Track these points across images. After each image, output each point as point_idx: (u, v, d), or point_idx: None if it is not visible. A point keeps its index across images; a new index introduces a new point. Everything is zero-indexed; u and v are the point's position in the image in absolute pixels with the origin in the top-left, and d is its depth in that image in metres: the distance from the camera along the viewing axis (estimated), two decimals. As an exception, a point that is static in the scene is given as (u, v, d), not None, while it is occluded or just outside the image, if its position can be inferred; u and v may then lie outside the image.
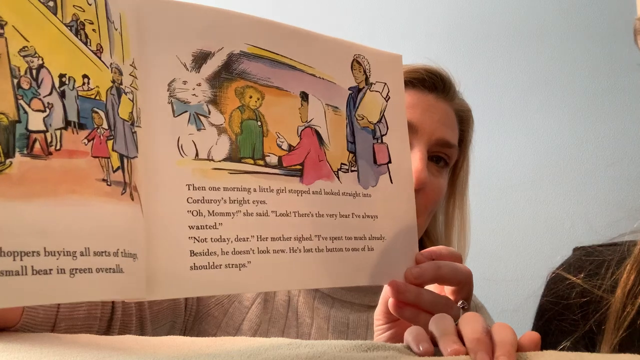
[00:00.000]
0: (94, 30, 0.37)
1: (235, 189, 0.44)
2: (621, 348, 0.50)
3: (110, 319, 0.59)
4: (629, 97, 1.27)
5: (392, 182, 0.54)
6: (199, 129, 0.43)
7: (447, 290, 0.56)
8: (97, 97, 0.35)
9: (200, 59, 0.44)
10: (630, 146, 1.27)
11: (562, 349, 0.54)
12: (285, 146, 0.48)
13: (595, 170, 1.29)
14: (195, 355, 0.41)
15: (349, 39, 0.56)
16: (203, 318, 0.71)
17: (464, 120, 0.80)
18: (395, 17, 1.38)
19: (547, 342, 0.60)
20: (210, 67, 0.45)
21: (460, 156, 0.80)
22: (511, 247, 1.31)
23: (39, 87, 0.32)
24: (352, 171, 0.52)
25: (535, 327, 0.66)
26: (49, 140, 0.31)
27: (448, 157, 0.76)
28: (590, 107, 1.29)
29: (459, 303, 0.54)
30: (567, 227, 1.28)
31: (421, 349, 0.41)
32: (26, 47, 0.33)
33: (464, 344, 0.40)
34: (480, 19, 1.36)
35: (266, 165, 0.46)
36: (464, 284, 0.54)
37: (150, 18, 0.42)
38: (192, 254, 0.41)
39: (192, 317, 0.71)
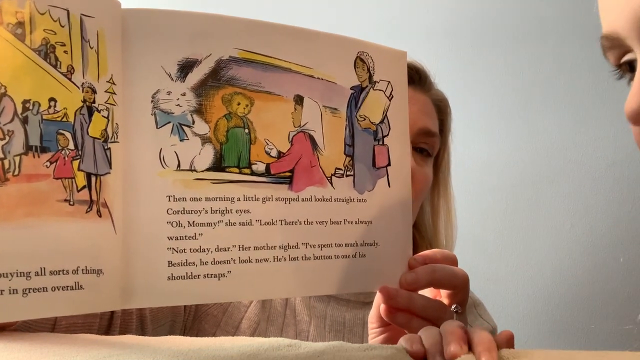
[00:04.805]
0: (65, 52, 0.39)
1: (218, 199, 0.45)
2: None
3: (111, 317, 0.63)
4: (629, 97, 1.24)
5: (389, 186, 0.54)
6: (181, 140, 0.45)
7: (442, 294, 0.55)
8: (64, 119, 0.38)
9: (186, 67, 0.45)
10: (630, 146, 1.24)
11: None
12: (274, 153, 0.48)
13: (595, 170, 1.27)
14: (195, 355, 0.43)
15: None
16: (202, 317, 0.75)
17: (441, 109, 0.83)
18: (394, 16, 1.39)
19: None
20: (197, 75, 0.46)
21: (441, 145, 0.83)
22: (511, 247, 1.30)
23: None
24: (347, 176, 0.52)
25: None
26: (6, 166, 0.34)
27: (431, 147, 0.78)
28: (590, 107, 1.28)
29: (453, 307, 0.54)
30: (567, 227, 1.27)
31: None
32: None
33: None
34: (480, 19, 1.38)
35: (252, 173, 0.47)
36: (460, 288, 0.53)
37: (134, 29, 0.44)
38: (170, 265, 0.43)
39: (191, 316, 0.74)
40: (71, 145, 0.38)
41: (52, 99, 0.37)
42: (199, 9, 0.48)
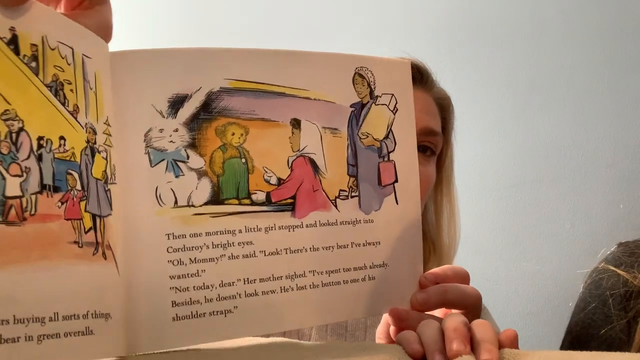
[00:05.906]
0: (71, 90, 0.39)
1: (219, 233, 0.46)
2: None
3: None
4: (629, 97, 1.29)
5: (397, 203, 0.54)
6: (177, 176, 0.45)
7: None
8: (72, 159, 0.38)
9: (177, 103, 0.46)
10: (630, 146, 1.28)
11: (603, 336, 0.63)
12: (273, 180, 0.49)
13: (595, 170, 1.30)
14: (195, 355, 0.44)
15: (348, 42, 0.55)
16: None
17: (444, 108, 0.84)
18: (394, 17, 1.41)
19: (590, 333, 0.67)
20: (188, 110, 0.46)
21: (444, 144, 0.85)
22: (511, 247, 1.33)
23: (17, 151, 0.34)
24: (352, 197, 0.52)
25: (577, 318, 0.70)
26: (24, 205, 0.34)
27: (434, 146, 0.80)
28: (590, 107, 1.31)
29: None
30: (567, 227, 1.30)
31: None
32: (8, 110, 0.34)
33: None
34: (479, 19, 1.41)
35: (252, 203, 0.47)
36: (471, 307, 0.53)
37: (123, 72, 0.44)
38: (174, 305, 0.44)
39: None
40: (78, 186, 0.38)
41: (61, 137, 0.37)
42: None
